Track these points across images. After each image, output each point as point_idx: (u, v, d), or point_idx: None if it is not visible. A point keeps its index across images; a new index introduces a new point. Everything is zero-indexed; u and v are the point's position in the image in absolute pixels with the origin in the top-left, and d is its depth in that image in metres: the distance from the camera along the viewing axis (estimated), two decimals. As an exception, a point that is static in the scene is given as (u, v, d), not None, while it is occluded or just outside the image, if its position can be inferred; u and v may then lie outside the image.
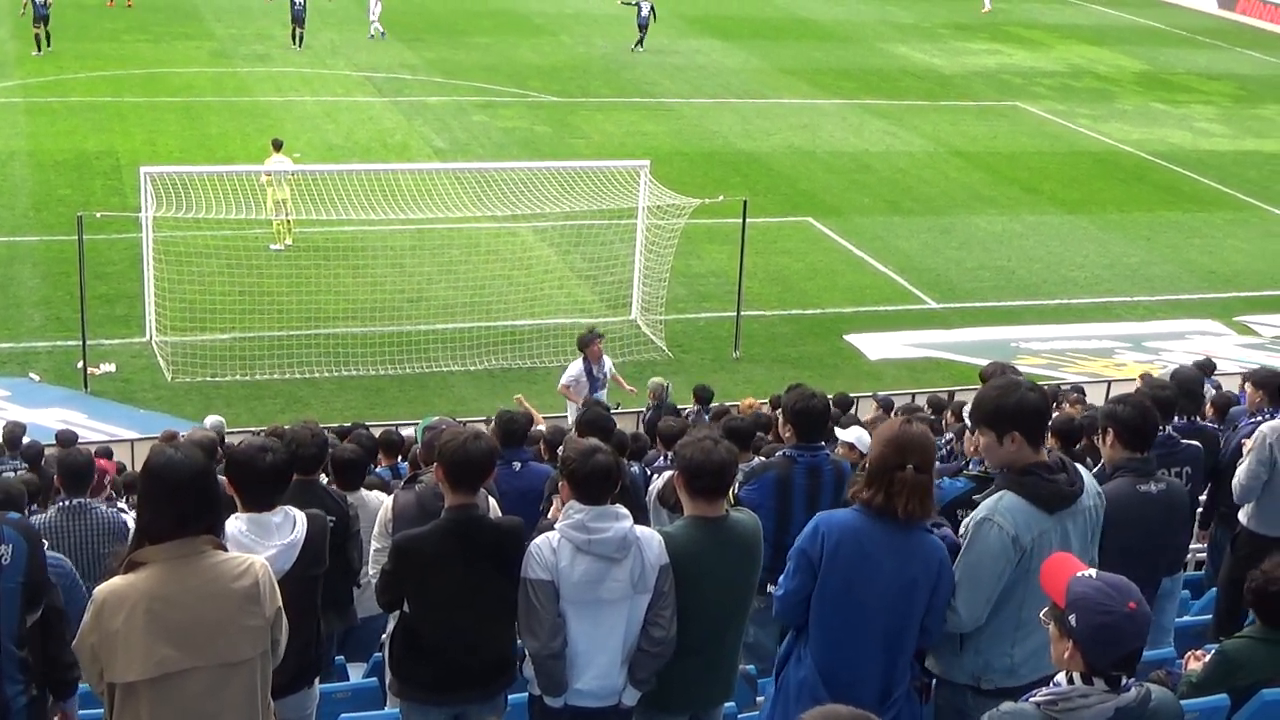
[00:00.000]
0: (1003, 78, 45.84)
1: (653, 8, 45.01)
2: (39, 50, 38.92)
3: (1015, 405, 6.08)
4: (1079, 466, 6.41)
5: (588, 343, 18.88)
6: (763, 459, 9.16)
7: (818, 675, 6.10)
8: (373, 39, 43.99)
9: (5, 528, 5.51)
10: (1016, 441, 6.11)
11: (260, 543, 6.27)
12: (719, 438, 6.70)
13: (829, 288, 26.73)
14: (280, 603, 5.43)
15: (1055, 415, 10.78)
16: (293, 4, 42.05)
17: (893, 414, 15.69)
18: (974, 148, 37.04)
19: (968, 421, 8.63)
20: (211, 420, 17.29)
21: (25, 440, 15.73)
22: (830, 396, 17.47)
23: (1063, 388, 17.91)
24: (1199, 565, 11.49)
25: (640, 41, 45.02)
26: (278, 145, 26.90)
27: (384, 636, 8.11)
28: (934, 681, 6.49)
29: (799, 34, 49.68)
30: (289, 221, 25.78)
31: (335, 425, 17.12)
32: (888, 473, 5.95)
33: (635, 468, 11.95)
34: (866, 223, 30.40)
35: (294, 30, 42.39)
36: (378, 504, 9.18)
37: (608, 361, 19.08)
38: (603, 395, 18.75)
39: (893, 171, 34.39)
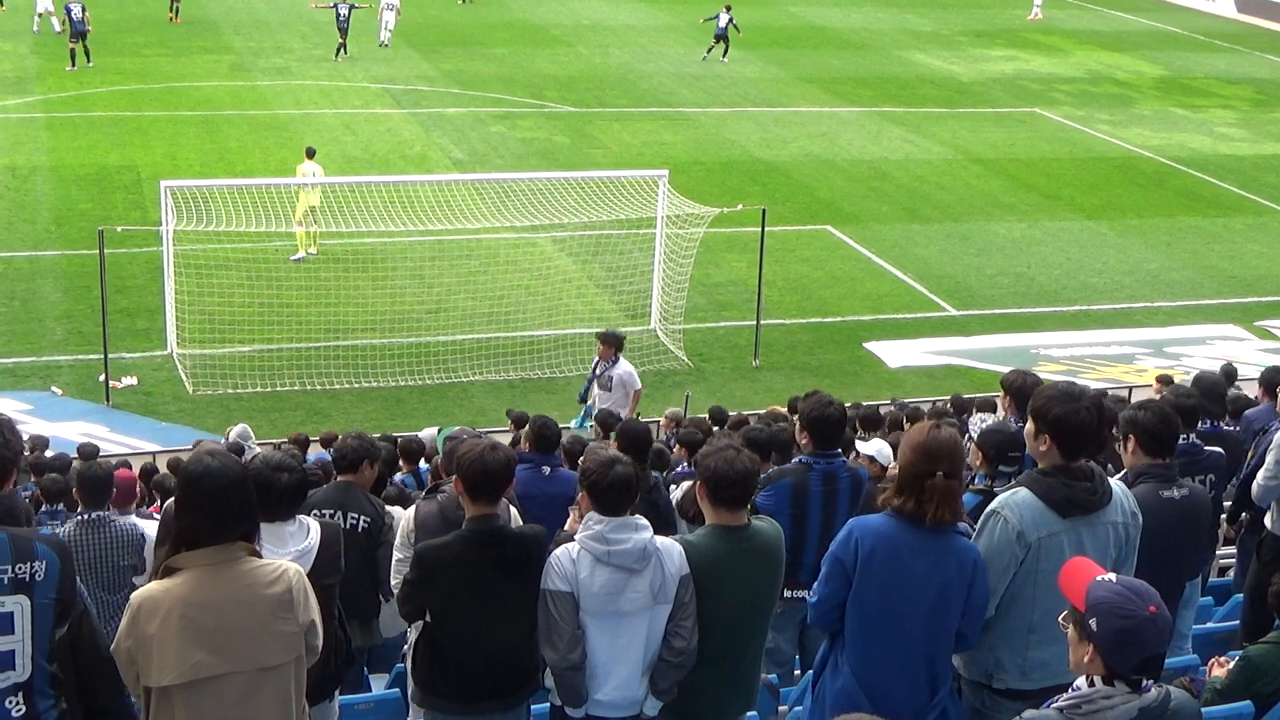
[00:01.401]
0: (1021, 84, 45.77)
1: (732, 19, 45.49)
2: (73, 65, 39.26)
3: (1058, 416, 6.16)
4: (1119, 485, 6.44)
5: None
6: (778, 466, 9.17)
7: (857, 684, 6.15)
8: (384, 46, 44.29)
9: (39, 544, 5.59)
10: (1048, 446, 6.22)
11: (273, 551, 6.32)
12: (741, 447, 6.71)
13: (848, 295, 26.71)
14: (316, 610, 5.53)
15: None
16: (337, 15, 42.39)
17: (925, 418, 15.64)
18: (993, 154, 36.98)
19: (973, 434, 8.65)
20: (237, 429, 17.29)
21: (49, 454, 15.82)
22: (847, 406, 17.49)
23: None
24: (1223, 571, 11.45)
25: (724, 52, 45.57)
26: (310, 153, 26.98)
27: (406, 648, 8.13)
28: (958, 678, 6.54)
29: (816, 42, 49.69)
30: (314, 233, 25.91)
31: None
32: (918, 479, 5.98)
33: (655, 477, 11.94)
34: (885, 230, 30.38)
35: (342, 42, 42.87)
36: (394, 518, 9.21)
37: (621, 367, 18.65)
38: (607, 400, 18.54)
39: (911, 179, 34.35)
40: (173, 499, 6.06)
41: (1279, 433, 9.55)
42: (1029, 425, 6.35)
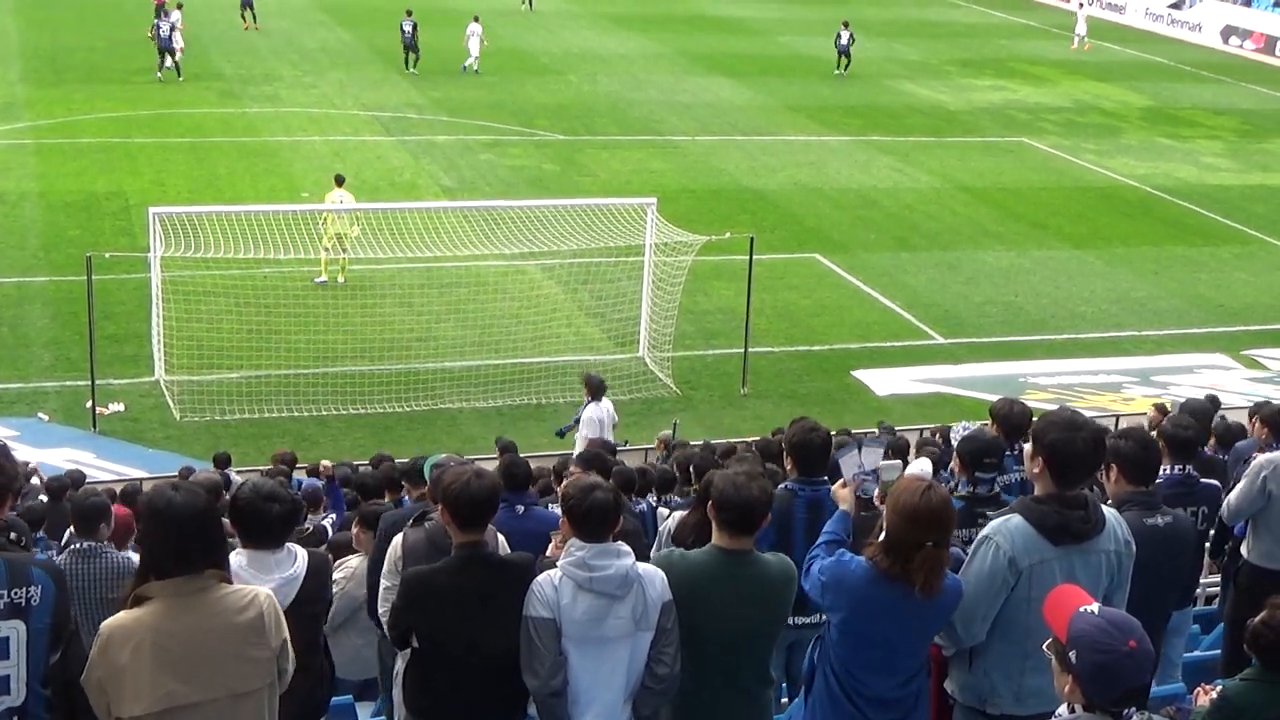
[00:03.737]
0: (1009, 113, 45.96)
1: (852, 34, 48.64)
2: (160, 73, 42.19)
3: (1054, 441, 6.20)
4: (1113, 514, 6.48)
5: None
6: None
7: (844, 695, 6.20)
8: (474, 72, 45.63)
9: (34, 569, 5.59)
10: (1040, 469, 6.25)
11: (259, 577, 6.30)
12: (757, 474, 6.71)
13: (836, 324, 26.75)
14: (286, 633, 5.52)
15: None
16: (403, 32, 44.64)
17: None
18: (980, 183, 37.11)
19: (954, 443, 8.68)
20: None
21: (36, 479, 15.77)
22: (834, 433, 17.47)
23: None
24: (1210, 600, 11.45)
25: (845, 66, 49.20)
26: (340, 181, 27.04)
27: (395, 674, 8.12)
28: (952, 703, 6.55)
29: (805, 71, 49.86)
30: (344, 261, 25.97)
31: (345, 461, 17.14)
32: (906, 549, 5.93)
33: (643, 505, 11.96)
34: (874, 259, 30.45)
35: (407, 56, 45.17)
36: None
37: (589, 411, 19.04)
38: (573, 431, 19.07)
39: (899, 207, 34.45)
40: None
41: (1254, 459, 9.58)
42: (1028, 446, 6.40)
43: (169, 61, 42.29)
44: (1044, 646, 5.03)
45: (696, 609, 6.56)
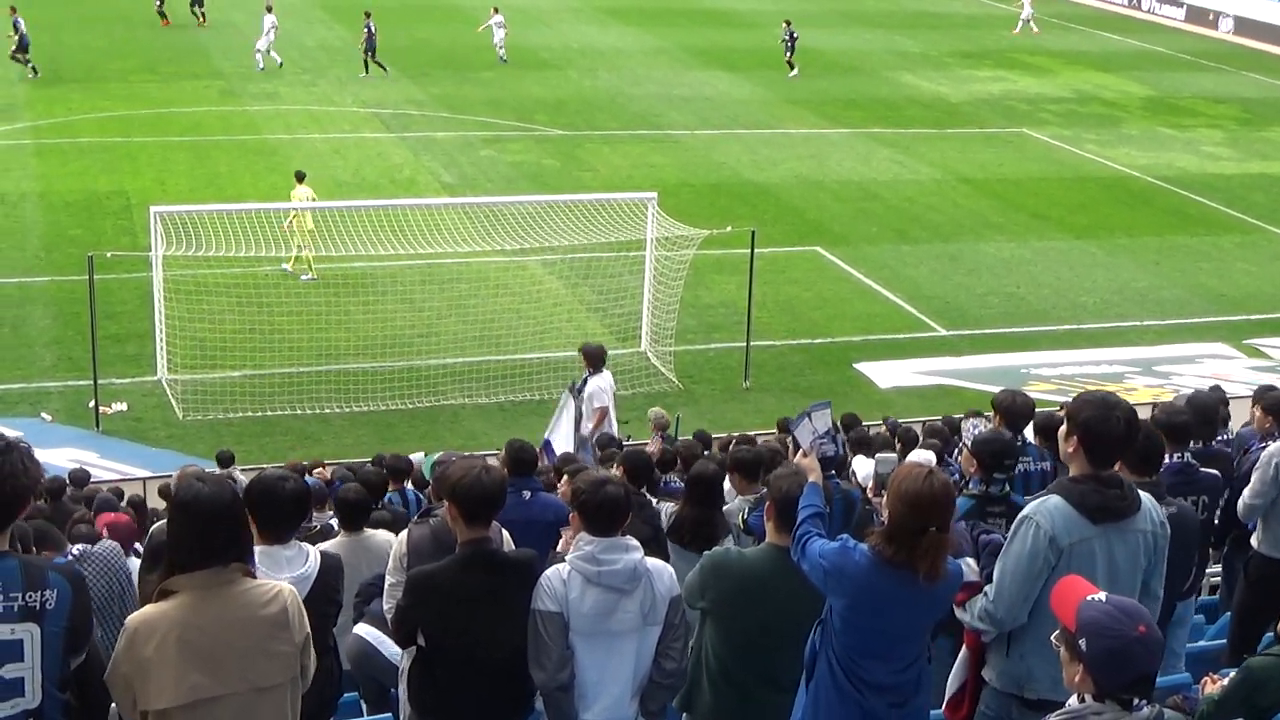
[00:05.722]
0: (1009, 104, 45.92)
1: (792, 32, 48.16)
2: (36, 74, 41.20)
3: (1088, 419, 6.24)
4: (1149, 496, 6.51)
5: None
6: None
7: (847, 680, 6.18)
8: (505, 62, 46.12)
9: (50, 573, 5.60)
10: (1075, 448, 6.29)
11: (271, 575, 6.29)
12: None
13: (838, 316, 26.74)
14: (309, 629, 5.56)
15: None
16: (369, 34, 43.76)
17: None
18: (981, 175, 37.08)
19: (966, 442, 8.69)
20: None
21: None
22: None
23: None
24: (1213, 590, 11.45)
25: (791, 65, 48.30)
26: (300, 177, 27.12)
27: (400, 672, 8.12)
28: (983, 688, 6.56)
29: (804, 64, 49.77)
30: (308, 256, 26.00)
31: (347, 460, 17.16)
32: (910, 535, 5.90)
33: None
34: (875, 251, 30.44)
35: (370, 61, 44.12)
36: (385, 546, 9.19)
37: (592, 383, 19.14)
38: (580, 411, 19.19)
39: (900, 200, 34.43)
40: (163, 523, 6.06)
41: (1262, 451, 9.54)
42: (1063, 426, 6.43)
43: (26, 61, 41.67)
44: (1052, 637, 5.03)
45: (754, 608, 6.58)
